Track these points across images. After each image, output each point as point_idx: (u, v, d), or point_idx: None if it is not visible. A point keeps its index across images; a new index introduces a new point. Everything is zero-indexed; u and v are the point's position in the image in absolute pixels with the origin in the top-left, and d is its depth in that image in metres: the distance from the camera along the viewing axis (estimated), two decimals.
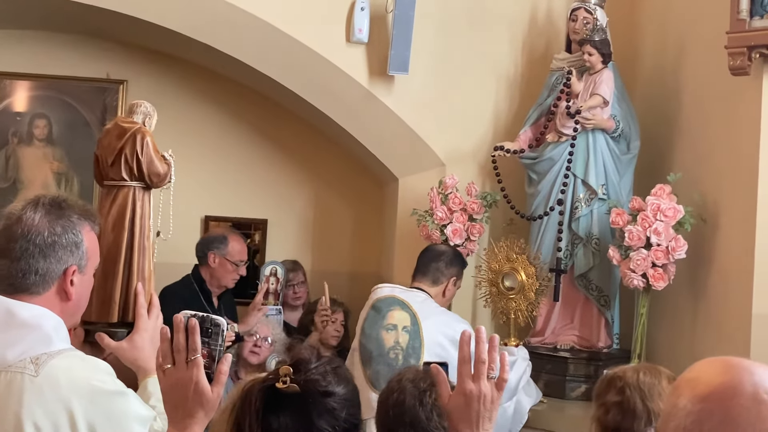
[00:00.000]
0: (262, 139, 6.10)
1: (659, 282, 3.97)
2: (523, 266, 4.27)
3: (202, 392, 1.69)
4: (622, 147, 4.44)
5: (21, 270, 1.98)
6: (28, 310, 1.96)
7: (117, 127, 3.76)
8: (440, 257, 4.03)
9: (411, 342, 3.79)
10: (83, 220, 2.08)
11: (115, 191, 3.67)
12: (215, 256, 4.64)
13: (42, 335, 1.93)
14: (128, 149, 3.62)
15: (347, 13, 4.88)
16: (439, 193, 4.73)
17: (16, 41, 5.90)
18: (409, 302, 3.85)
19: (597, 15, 4.45)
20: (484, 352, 1.74)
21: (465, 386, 1.74)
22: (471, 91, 5.04)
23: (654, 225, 3.94)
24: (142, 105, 3.85)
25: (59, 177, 5.97)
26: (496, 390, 1.75)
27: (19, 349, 1.90)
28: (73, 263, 2.03)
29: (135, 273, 3.61)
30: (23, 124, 5.95)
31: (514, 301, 4.28)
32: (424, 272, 4.01)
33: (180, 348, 1.68)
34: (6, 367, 1.88)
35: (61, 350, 1.93)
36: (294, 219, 6.15)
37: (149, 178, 3.69)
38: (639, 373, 2.45)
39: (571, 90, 4.42)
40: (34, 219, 2.01)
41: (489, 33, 5.03)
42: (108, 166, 3.67)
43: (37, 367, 1.88)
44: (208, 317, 1.71)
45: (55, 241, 2.01)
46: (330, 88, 5.09)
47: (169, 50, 5.83)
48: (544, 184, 4.51)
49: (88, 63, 5.93)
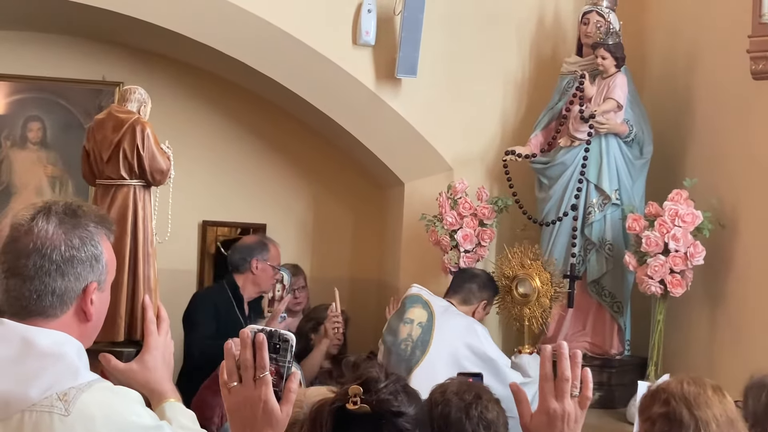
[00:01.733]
0: (260, 142, 6.01)
1: (677, 288, 3.94)
2: (537, 272, 4.22)
3: (271, 412, 1.58)
4: (635, 152, 4.40)
5: (35, 290, 1.75)
6: (48, 337, 1.74)
7: (112, 117, 3.39)
8: (474, 279, 4.14)
9: (422, 336, 3.90)
10: (100, 228, 1.85)
11: (112, 191, 3.31)
12: (258, 262, 4.56)
13: (66, 366, 1.72)
14: (127, 143, 3.27)
15: (354, 15, 4.81)
16: (448, 198, 4.66)
17: (9, 43, 5.77)
18: (431, 302, 3.97)
19: (610, 18, 4.41)
20: (567, 369, 1.68)
21: (548, 405, 1.67)
22: (479, 94, 4.99)
23: (672, 231, 3.90)
24: (136, 91, 3.53)
25: (53, 181, 5.85)
26: (580, 408, 1.68)
27: (43, 383, 1.68)
28: (93, 279, 1.81)
29: (141, 283, 3.32)
30: (16, 127, 5.82)
31: (529, 307, 4.24)
32: (456, 290, 4.11)
33: (247, 365, 1.57)
34: (30, 405, 1.67)
35: (90, 382, 1.73)
36: (293, 224, 6.07)
37: (151, 176, 3.36)
38: (683, 383, 2.39)
39: (584, 94, 4.37)
40: (48, 230, 1.77)
41: (497, 36, 4.99)
42: (103, 163, 3.32)
43: (67, 405, 1.68)
44: (276, 332, 1.61)
45: (73, 256, 1.78)
46: (336, 91, 5.02)
47: (167, 52, 5.73)
48: (555, 189, 4.46)
49: (83, 65, 5.81)
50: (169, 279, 4.76)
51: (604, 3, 4.48)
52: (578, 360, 1.71)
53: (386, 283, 5.67)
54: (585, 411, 1.70)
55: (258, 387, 1.58)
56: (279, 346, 1.60)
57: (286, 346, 1.61)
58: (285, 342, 1.61)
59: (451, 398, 2.37)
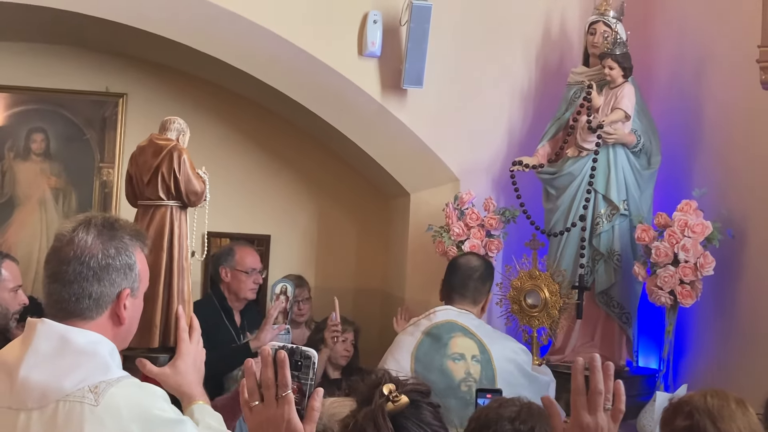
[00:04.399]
0: (265, 153, 6.00)
1: (687, 299, 3.92)
2: (546, 283, 4.18)
3: (294, 431, 1.57)
4: (643, 162, 4.39)
5: (74, 294, 1.93)
6: (84, 336, 1.91)
7: (152, 144, 3.68)
8: (475, 275, 3.64)
9: (483, 372, 3.44)
10: (135, 241, 2.03)
11: (151, 211, 3.60)
12: (225, 269, 4.55)
13: (99, 362, 1.88)
14: (165, 167, 3.57)
15: (359, 26, 4.80)
16: (455, 209, 4.65)
17: (12, 54, 5.77)
18: (470, 327, 3.51)
19: (617, 28, 4.40)
20: (600, 382, 1.66)
21: (581, 419, 1.67)
22: (485, 105, 4.98)
23: (682, 241, 3.89)
24: (175, 121, 3.80)
25: (56, 192, 5.84)
26: (613, 421, 1.65)
27: (76, 377, 1.84)
28: (126, 286, 1.98)
29: (175, 295, 3.54)
30: (20, 139, 5.81)
31: (537, 318, 4.20)
32: (463, 293, 3.61)
33: (269, 383, 1.57)
34: (64, 396, 1.83)
35: (120, 378, 1.88)
36: (297, 235, 6.05)
37: (187, 197, 3.62)
38: (706, 396, 2.38)
39: (592, 104, 4.36)
40: (87, 240, 1.95)
41: (503, 46, 4.98)
42: (144, 185, 3.62)
43: (97, 396, 1.83)
44: (298, 349, 1.61)
45: (109, 264, 1.96)
46: (342, 102, 5.01)
47: (171, 63, 5.72)
48: (563, 200, 4.44)
49: (86, 76, 5.81)
50: None
51: (611, 13, 4.47)
52: (611, 372, 1.68)
53: (391, 293, 5.65)
54: (618, 424, 1.68)
55: (280, 406, 1.58)
56: (301, 363, 1.60)
57: (308, 363, 1.60)
58: (307, 359, 1.60)
59: (505, 426, 2.28)
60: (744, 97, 3.95)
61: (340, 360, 4.71)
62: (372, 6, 4.77)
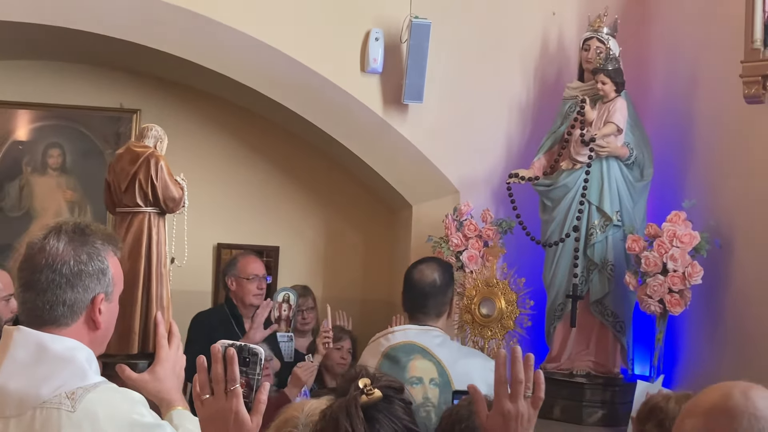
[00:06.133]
0: (273, 167, 6.16)
1: (676, 307, 4.02)
2: (503, 292, 4.14)
3: (242, 422, 1.66)
4: (636, 174, 4.49)
5: (48, 302, 1.92)
6: (60, 342, 1.90)
7: (129, 151, 3.69)
8: (433, 291, 3.42)
9: (442, 396, 3.23)
10: (107, 245, 2.01)
11: (129, 218, 3.59)
12: (230, 279, 4.72)
13: (76, 369, 1.89)
14: (142, 174, 3.56)
15: (362, 43, 4.95)
16: (454, 220, 4.78)
17: (30, 72, 5.97)
18: (429, 348, 3.30)
19: (610, 44, 4.52)
20: (521, 372, 1.76)
21: (503, 406, 1.75)
22: (484, 119, 5.11)
23: (670, 251, 3.99)
24: (153, 129, 3.80)
25: (72, 206, 6.01)
26: (533, 408, 1.77)
27: (53, 384, 1.85)
28: (100, 291, 1.97)
29: (154, 301, 3.56)
30: (37, 154, 6.01)
31: (490, 329, 4.13)
32: (425, 311, 3.41)
33: (218, 378, 1.67)
34: (41, 403, 1.83)
35: (96, 383, 1.89)
36: (305, 246, 6.20)
37: (164, 203, 3.62)
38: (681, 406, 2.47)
39: (585, 118, 4.48)
40: (59, 248, 1.94)
41: (501, 62, 5.11)
42: (121, 192, 3.60)
43: (74, 402, 1.83)
44: (246, 346, 1.71)
45: (81, 270, 1.94)
46: (345, 117, 5.16)
47: (182, 80, 5.90)
48: (558, 211, 4.55)
49: (101, 93, 6.00)
50: (184, 300, 4.89)
51: (604, 29, 4.58)
52: (531, 363, 1.79)
53: (396, 304, 5.73)
54: (537, 411, 1.79)
55: (229, 399, 1.67)
56: (249, 360, 1.69)
57: (256, 360, 1.70)
58: (254, 356, 1.70)
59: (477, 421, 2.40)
60: (731, 112, 4.05)
61: (336, 368, 4.80)
62: (374, 24, 4.93)
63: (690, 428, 1.44)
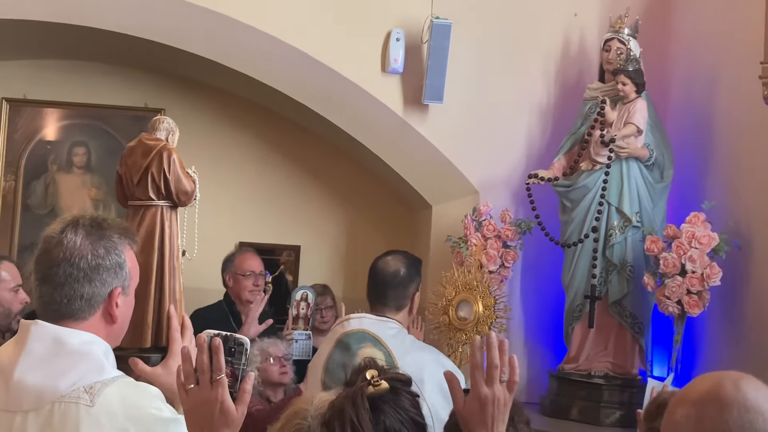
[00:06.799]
0: (295, 166, 6.20)
1: (694, 309, 4.02)
2: (482, 296, 4.09)
3: (227, 412, 1.67)
4: (656, 175, 4.49)
5: (66, 296, 1.91)
6: (77, 336, 1.90)
7: (141, 144, 3.66)
8: (394, 282, 3.28)
9: None
10: (123, 239, 2.00)
11: (142, 211, 3.57)
12: (228, 275, 4.76)
13: (94, 363, 1.88)
14: (155, 167, 3.54)
15: (383, 43, 4.98)
16: (473, 220, 4.80)
17: (57, 71, 6.05)
18: (381, 338, 3.21)
19: (630, 45, 4.52)
20: (496, 357, 1.78)
21: (480, 391, 1.77)
22: (504, 119, 5.12)
23: (689, 252, 3.99)
24: (164, 121, 3.78)
25: (97, 204, 6.08)
26: (508, 392, 1.79)
27: (71, 378, 1.83)
28: (117, 285, 1.96)
29: (167, 295, 3.52)
30: (62, 152, 6.08)
31: (465, 333, 4.08)
32: (384, 302, 3.29)
33: (204, 368, 1.67)
34: (59, 397, 1.82)
35: (114, 377, 1.88)
36: (327, 246, 6.23)
37: (177, 197, 3.59)
38: None
39: (605, 119, 4.48)
40: (76, 242, 1.92)
41: (522, 63, 5.12)
42: (133, 185, 3.59)
43: (92, 397, 1.82)
44: (232, 336, 1.70)
45: (99, 264, 1.93)
46: (366, 117, 5.19)
47: (206, 79, 5.96)
48: (578, 212, 4.56)
49: (127, 92, 6.07)
50: (206, 297, 4.95)
51: (625, 30, 4.59)
52: (505, 348, 1.80)
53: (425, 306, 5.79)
54: (513, 395, 1.80)
55: (214, 389, 1.66)
56: (234, 350, 1.69)
57: (241, 350, 1.70)
58: (240, 346, 1.70)
59: None
60: (750, 113, 4.04)
61: None
62: (395, 25, 4.96)
63: (680, 417, 1.44)
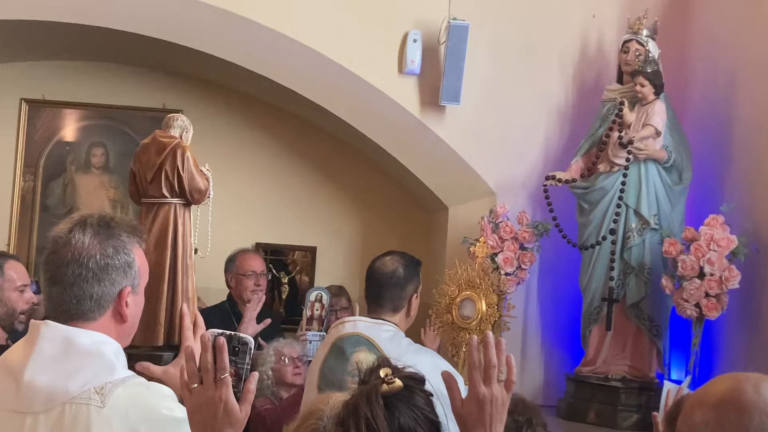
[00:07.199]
0: (312, 168, 6.22)
1: (713, 312, 3.98)
2: (485, 293, 4.00)
3: (231, 411, 1.66)
4: (674, 177, 4.46)
5: (75, 296, 1.90)
6: (88, 337, 1.88)
7: (155, 142, 3.59)
8: (391, 281, 3.24)
9: None
10: (132, 237, 1.98)
11: (155, 209, 3.48)
12: (230, 275, 4.79)
13: (104, 363, 1.86)
14: (168, 165, 3.47)
15: (400, 45, 4.97)
16: (490, 222, 4.78)
17: (76, 72, 6.09)
18: (375, 341, 3.14)
19: (649, 47, 4.50)
20: (493, 356, 1.76)
21: (477, 391, 1.76)
22: (522, 121, 5.10)
23: (707, 255, 3.96)
24: (178, 119, 3.75)
25: (115, 204, 6.11)
26: (506, 391, 1.78)
27: (82, 379, 1.82)
28: (126, 284, 1.94)
29: (179, 293, 3.44)
30: (81, 153, 6.13)
31: (469, 332, 4.00)
32: (380, 303, 3.24)
33: (207, 367, 1.66)
34: (70, 398, 1.81)
35: (125, 378, 1.87)
36: (342, 247, 6.24)
37: (190, 194, 3.51)
38: None
39: (623, 120, 4.46)
40: (84, 241, 1.91)
41: (540, 64, 5.10)
42: (147, 183, 3.52)
43: (103, 398, 1.81)
44: (236, 335, 1.69)
45: (108, 264, 1.91)
46: (383, 118, 5.19)
47: (224, 81, 5.98)
48: (595, 214, 4.54)
49: (145, 93, 6.10)
50: (221, 297, 4.97)
51: (644, 32, 4.56)
52: (503, 348, 1.79)
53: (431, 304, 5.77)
54: (510, 394, 1.79)
55: (218, 388, 1.65)
56: (238, 349, 1.68)
57: (245, 349, 1.68)
58: (244, 345, 1.68)
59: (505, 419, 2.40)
60: None
61: None
62: (412, 26, 4.95)
63: (699, 420, 1.43)
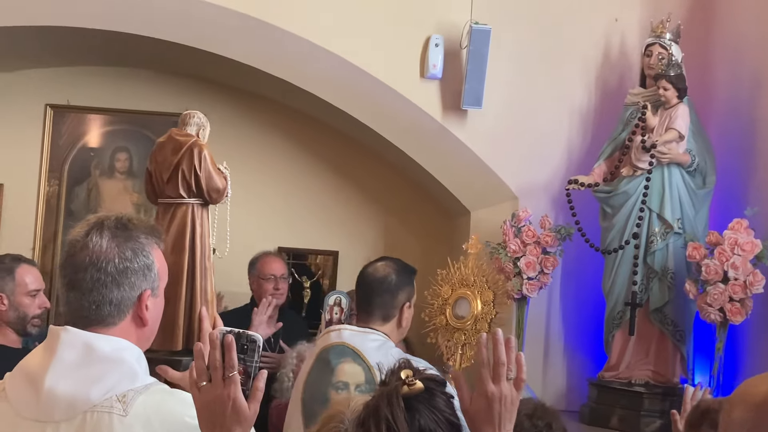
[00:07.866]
0: (334, 172, 6.23)
1: (737, 316, 3.96)
2: (481, 291, 3.88)
3: (239, 410, 1.65)
4: (698, 181, 4.44)
5: (94, 302, 1.85)
6: (109, 343, 1.84)
7: (172, 140, 3.50)
8: (381, 288, 3.08)
9: None
10: (150, 239, 1.93)
11: (172, 209, 3.40)
12: (252, 279, 4.84)
13: (126, 370, 1.82)
14: (185, 164, 3.38)
15: (422, 49, 4.98)
16: (512, 226, 4.77)
17: (98, 77, 6.14)
18: (362, 351, 2.99)
19: (672, 50, 4.47)
20: (503, 354, 1.75)
21: (486, 388, 1.74)
22: (544, 124, 5.09)
23: (731, 259, 3.93)
24: (195, 115, 3.63)
25: (138, 208, 6.14)
26: (515, 390, 1.76)
27: (103, 386, 1.78)
28: (146, 287, 1.90)
29: (198, 296, 3.33)
30: (105, 157, 6.17)
31: (464, 333, 3.88)
32: (369, 310, 3.09)
33: (216, 365, 1.65)
34: (91, 406, 1.77)
35: (148, 385, 1.83)
36: (364, 251, 6.22)
37: (208, 194, 3.42)
38: None
39: (647, 124, 4.44)
40: (102, 245, 1.85)
41: (562, 67, 5.08)
42: (163, 183, 3.44)
43: (125, 406, 1.77)
44: (244, 333, 1.69)
45: (127, 267, 1.86)
46: (405, 122, 5.19)
47: (246, 86, 6.00)
48: (618, 218, 4.52)
49: (168, 98, 6.13)
50: (245, 301, 4.99)
51: (667, 35, 4.54)
52: (512, 345, 1.77)
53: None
54: (521, 393, 1.77)
55: (227, 386, 1.64)
56: (247, 347, 1.67)
57: (254, 347, 1.68)
58: (252, 343, 1.68)
59: (523, 420, 2.37)
60: None
61: None
62: (434, 30, 4.95)
63: (739, 419, 1.40)
